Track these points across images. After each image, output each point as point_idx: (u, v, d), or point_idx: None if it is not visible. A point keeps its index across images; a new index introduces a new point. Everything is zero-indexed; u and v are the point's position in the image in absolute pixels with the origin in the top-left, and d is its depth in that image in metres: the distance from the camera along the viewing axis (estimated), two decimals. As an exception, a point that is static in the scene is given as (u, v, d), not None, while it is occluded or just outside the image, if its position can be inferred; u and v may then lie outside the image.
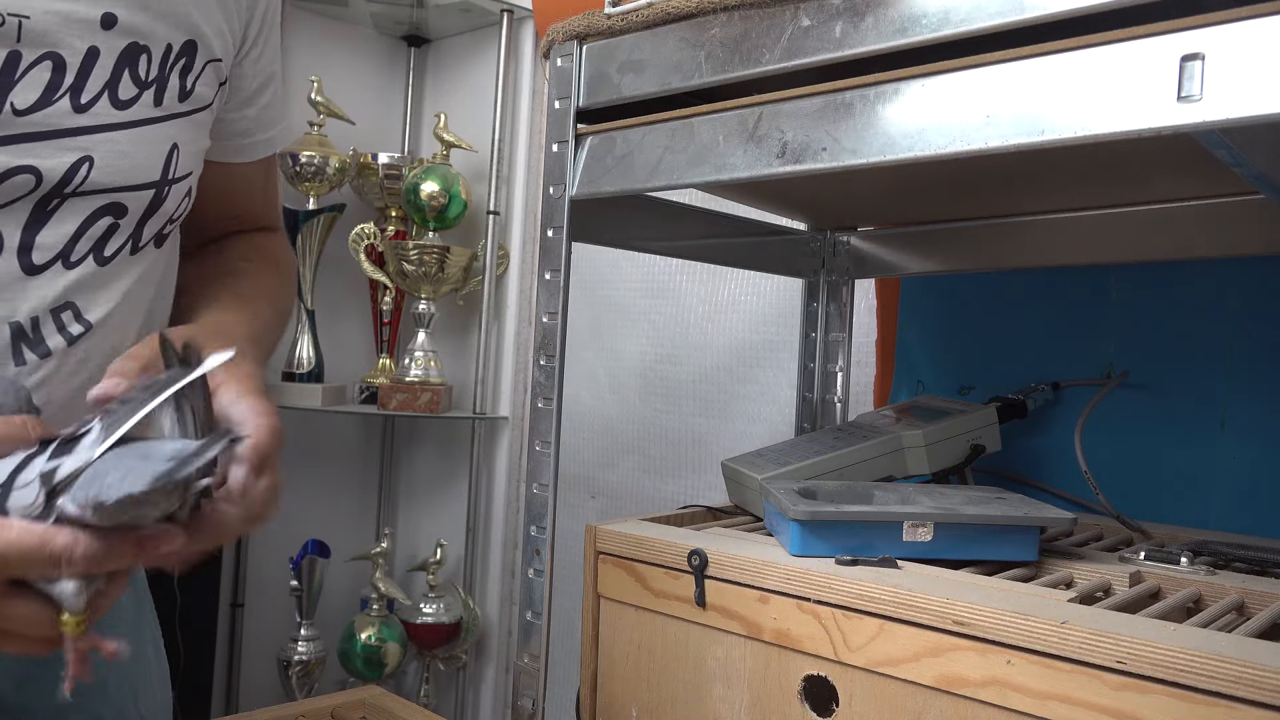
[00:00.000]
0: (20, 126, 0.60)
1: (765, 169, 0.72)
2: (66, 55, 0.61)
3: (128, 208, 0.66)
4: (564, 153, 0.85)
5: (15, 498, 0.47)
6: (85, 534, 0.46)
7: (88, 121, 0.63)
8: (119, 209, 0.66)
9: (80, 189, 0.63)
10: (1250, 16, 0.52)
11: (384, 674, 1.84)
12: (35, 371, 0.63)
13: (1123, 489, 1.00)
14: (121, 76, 0.64)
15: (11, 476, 0.47)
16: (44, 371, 0.63)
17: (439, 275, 1.85)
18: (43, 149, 0.61)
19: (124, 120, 0.65)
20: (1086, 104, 0.57)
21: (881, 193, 1.08)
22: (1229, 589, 0.69)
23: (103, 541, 0.46)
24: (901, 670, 0.62)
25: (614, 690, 0.81)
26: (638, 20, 0.79)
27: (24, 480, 0.47)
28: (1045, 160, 0.85)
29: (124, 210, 0.66)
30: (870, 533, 0.72)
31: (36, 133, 0.61)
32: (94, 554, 0.46)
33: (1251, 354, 1.00)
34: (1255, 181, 0.67)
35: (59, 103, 0.61)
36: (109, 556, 0.47)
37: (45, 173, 0.61)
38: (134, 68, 0.65)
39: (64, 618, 0.48)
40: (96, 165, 0.63)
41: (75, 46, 0.61)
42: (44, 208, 0.62)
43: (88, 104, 0.63)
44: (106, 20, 0.63)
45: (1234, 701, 0.50)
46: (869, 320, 1.30)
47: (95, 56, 0.63)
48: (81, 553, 0.46)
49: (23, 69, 0.60)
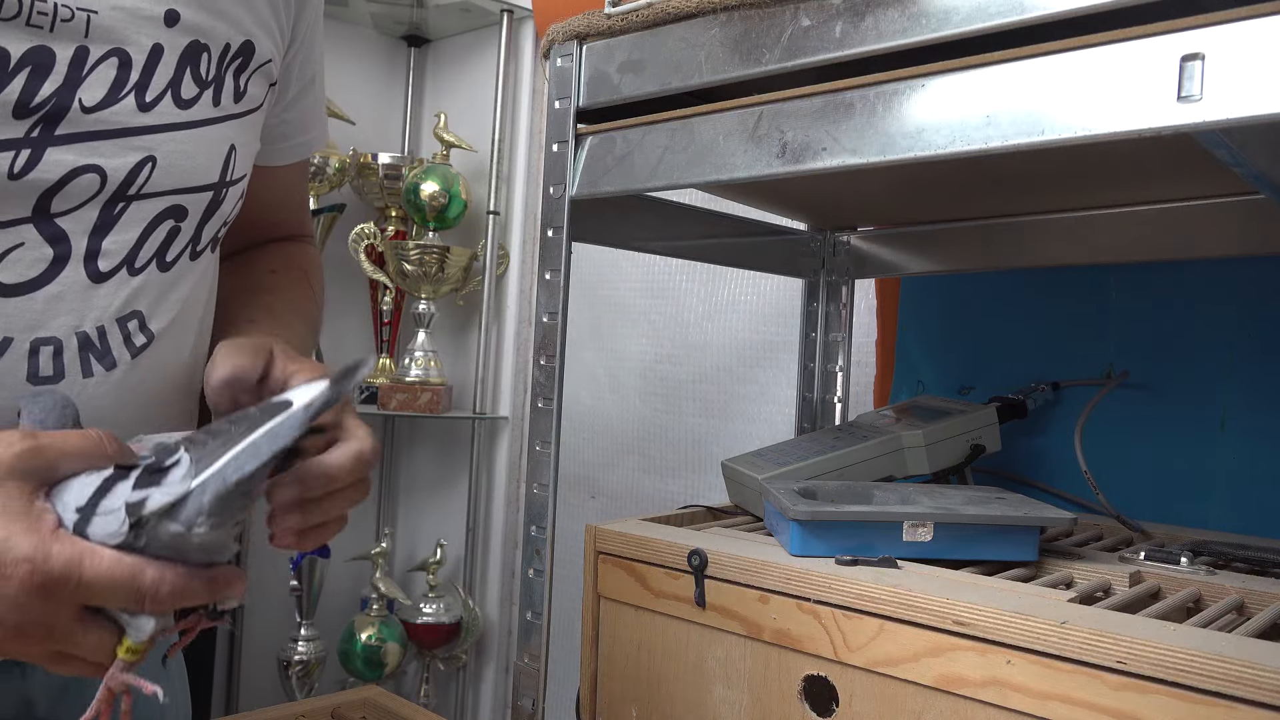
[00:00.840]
0: (88, 124, 0.59)
1: (765, 169, 0.72)
2: (132, 52, 0.60)
3: (188, 210, 0.66)
4: (564, 153, 0.85)
5: (98, 524, 0.47)
6: (172, 569, 0.47)
7: (151, 120, 0.62)
8: (180, 211, 0.65)
9: (143, 191, 0.62)
10: (1250, 16, 0.52)
11: (384, 674, 1.84)
12: (101, 385, 0.62)
13: (1123, 489, 1.00)
14: (184, 75, 0.63)
15: (94, 500, 0.47)
16: (109, 385, 0.62)
17: (439, 275, 1.85)
18: (108, 148, 0.60)
19: (186, 120, 0.64)
20: (1086, 104, 0.57)
21: (881, 193, 1.08)
22: (1229, 589, 0.69)
23: (187, 578, 0.48)
24: (901, 670, 0.62)
25: (614, 690, 0.81)
26: (638, 20, 0.79)
27: (108, 507, 0.47)
28: (1045, 160, 0.85)
29: (184, 213, 0.65)
30: (870, 533, 0.72)
31: (102, 131, 0.60)
32: (179, 589, 0.48)
33: (1251, 354, 1.00)
34: (1255, 181, 0.67)
35: (125, 100, 0.60)
36: (188, 593, 0.48)
37: (110, 173, 0.60)
38: (195, 66, 0.64)
39: (126, 644, 0.48)
40: (159, 166, 0.63)
41: (140, 43, 0.61)
42: (110, 211, 0.62)
43: (152, 102, 0.62)
44: (170, 17, 0.62)
45: (1234, 701, 0.50)
46: (869, 320, 1.30)
47: (159, 54, 0.62)
48: (168, 588, 0.47)
49: (90, 65, 0.59)
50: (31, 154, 0.57)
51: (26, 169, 0.57)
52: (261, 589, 1.93)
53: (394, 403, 1.79)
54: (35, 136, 0.57)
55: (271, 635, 1.92)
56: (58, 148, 0.58)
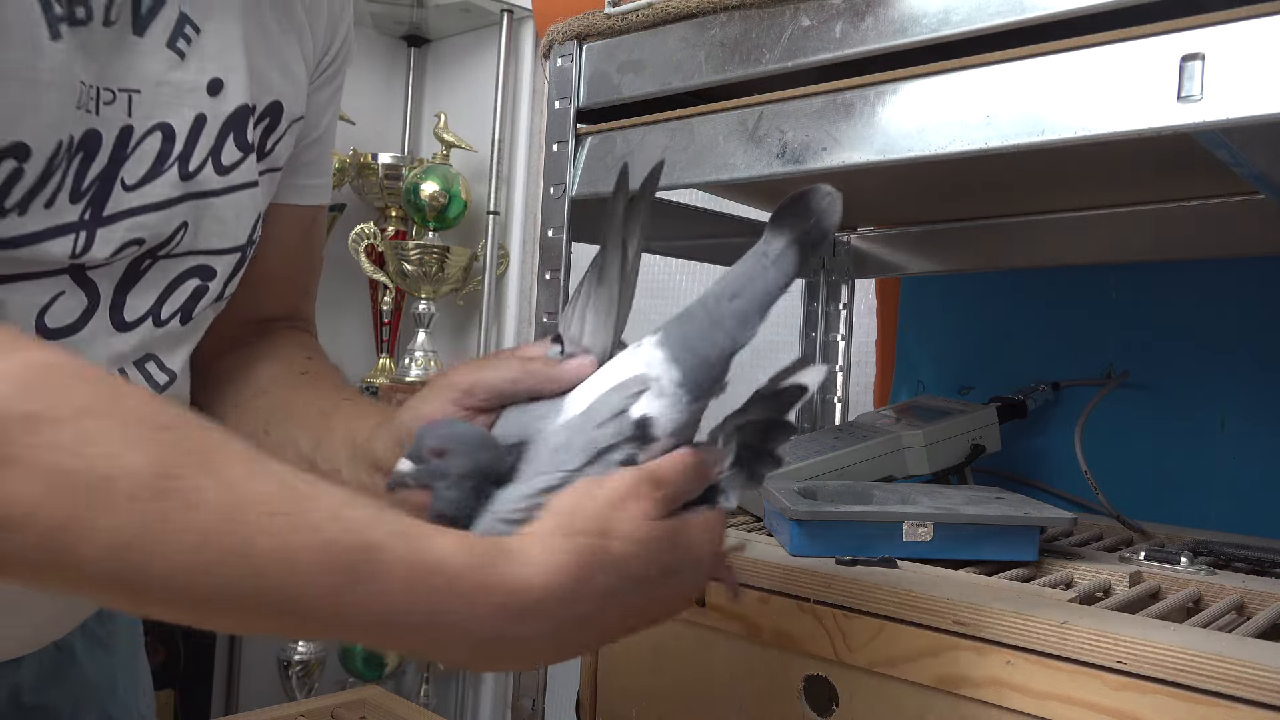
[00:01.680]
0: (130, 201, 0.59)
1: (765, 169, 0.72)
2: (176, 124, 0.60)
3: (216, 270, 0.66)
4: (564, 153, 0.85)
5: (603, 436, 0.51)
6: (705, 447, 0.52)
7: (192, 189, 0.62)
8: (207, 272, 0.65)
9: (172, 251, 0.63)
10: (1250, 16, 0.52)
11: (384, 674, 1.84)
12: None
13: (1123, 489, 1.00)
14: (225, 141, 0.63)
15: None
16: None
17: (439, 275, 1.85)
18: (150, 220, 0.60)
19: (223, 186, 0.64)
20: (1086, 104, 0.57)
21: (881, 193, 1.08)
22: (1229, 589, 0.69)
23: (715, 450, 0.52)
24: (901, 670, 0.62)
25: (614, 690, 0.81)
26: (638, 20, 0.79)
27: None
28: (1045, 160, 0.85)
29: (213, 273, 0.65)
30: (870, 533, 0.72)
31: (145, 205, 0.60)
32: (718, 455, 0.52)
33: (1251, 354, 0.99)
34: (1255, 181, 0.67)
35: (168, 173, 0.61)
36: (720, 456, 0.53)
37: (149, 240, 0.61)
38: (240, 132, 0.64)
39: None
40: (190, 229, 0.63)
41: (184, 115, 0.61)
42: (136, 267, 0.62)
43: (194, 171, 0.62)
44: (213, 86, 0.62)
45: (1234, 701, 0.50)
46: (869, 320, 1.30)
47: (202, 124, 0.62)
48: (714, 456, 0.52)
49: (134, 143, 0.59)
50: (87, 236, 0.58)
51: (85, 249, 0.57)
52: (261, 589, 1.93)
53: (394, 403, 1.79)
54: (88, 219, 0.58)
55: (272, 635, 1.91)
56: (105, 227, 0.58)
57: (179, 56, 0.60)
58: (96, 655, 0.75)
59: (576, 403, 0.53)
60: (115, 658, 0.77)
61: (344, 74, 0.78)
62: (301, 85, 0.70)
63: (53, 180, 0.55)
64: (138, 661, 0.80)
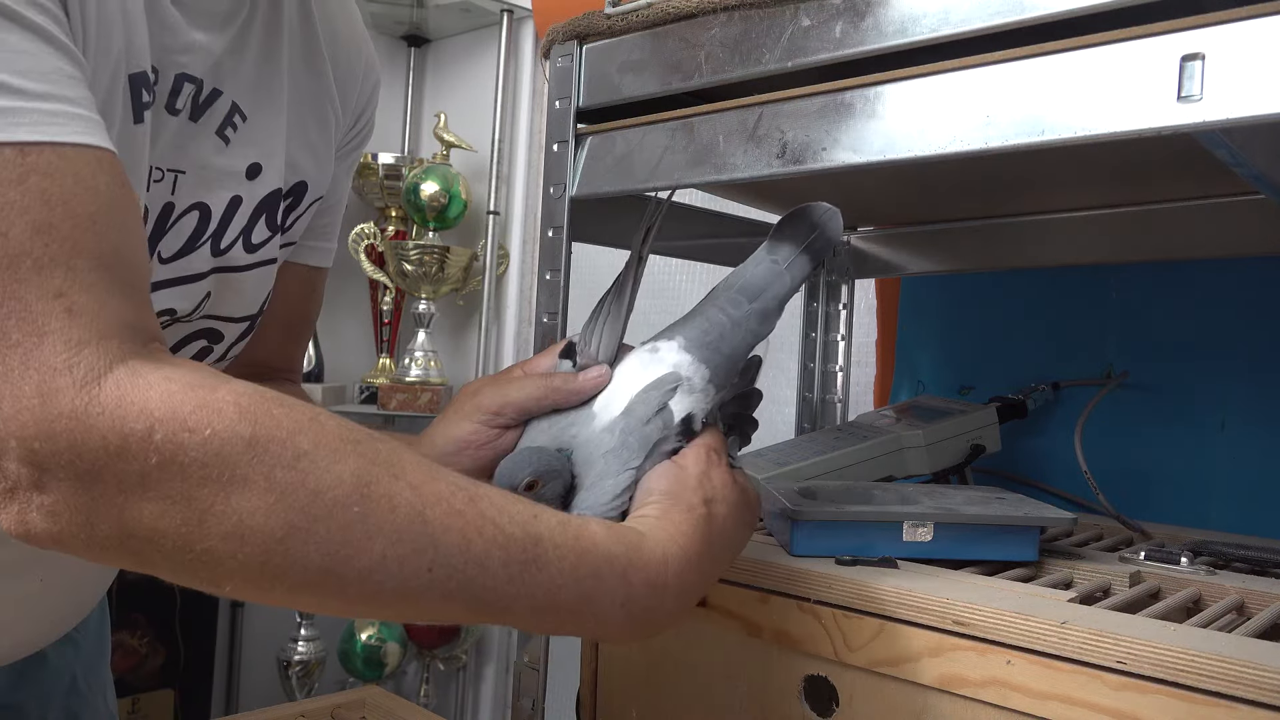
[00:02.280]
0: (163, 273, 0.61)
1: (765, 169, 0.72)
2: (213, 204, 0.62)
3: (224, 335, 0.67)
4: (564, 153, 0.85)
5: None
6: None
7: (220, 264, 0.64)
8: (216, 335, 0.67)
9: (190, 317, 0.64)
10: (1250, 16, 0.52)
11: (384, 674, 1.84)
12: None
13: (1123, 489, 1.00)
14: (258, 223, 0.65)
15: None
16: None
17: (439, 275, 1.85)
18: (180, 292, 0.62)
19: (249, 262, 0.66)
20: (1086, 104, 0.57)
21: (881, 193, 1.08)
22: (1229, 589, 0.69)
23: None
24: (901, 670, 0.62)
25: (614, 690, 0.81)
26: (638, 20, 0.79)
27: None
28: (1045, 160, 0.85)
29: (220, 337, 0.67)
30: (870, 533, 0.72)
31: (177, 278, 0.62)
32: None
33: (1251, 354, 0.99)
34: (1255, 181, 0.67)
35: (201, 249, 0.62)
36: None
37: (180, 312, 0.63)
38: (271, 213, 0.66)
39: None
40: (213, 299, 0.65)
41: (220, 196, 0.63)
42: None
43: (226, 248, 0.64)
44: (252, 170, 0.64)
45: (1234, 701, 0.50)
46: (869, 320, 1.30)
47: (237, 205, 0.64)
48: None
49: (174, 219, 0.61)
50: None
51: None
52: (261, 589, 1.93)
53: (394, 403, 1.79)
54: None
55: (271, 635, 1.92)
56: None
57: (224, 142, 0.62)
58: (64, 653, 0.76)
59: (608, 406, 0.60)
60: (81, 654, 0.78)
61: (365, 147, 0.81)
62: (327, 167, 0.72)
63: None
64: (103, 659, 0.82)
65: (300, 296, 0.81)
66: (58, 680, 0.75)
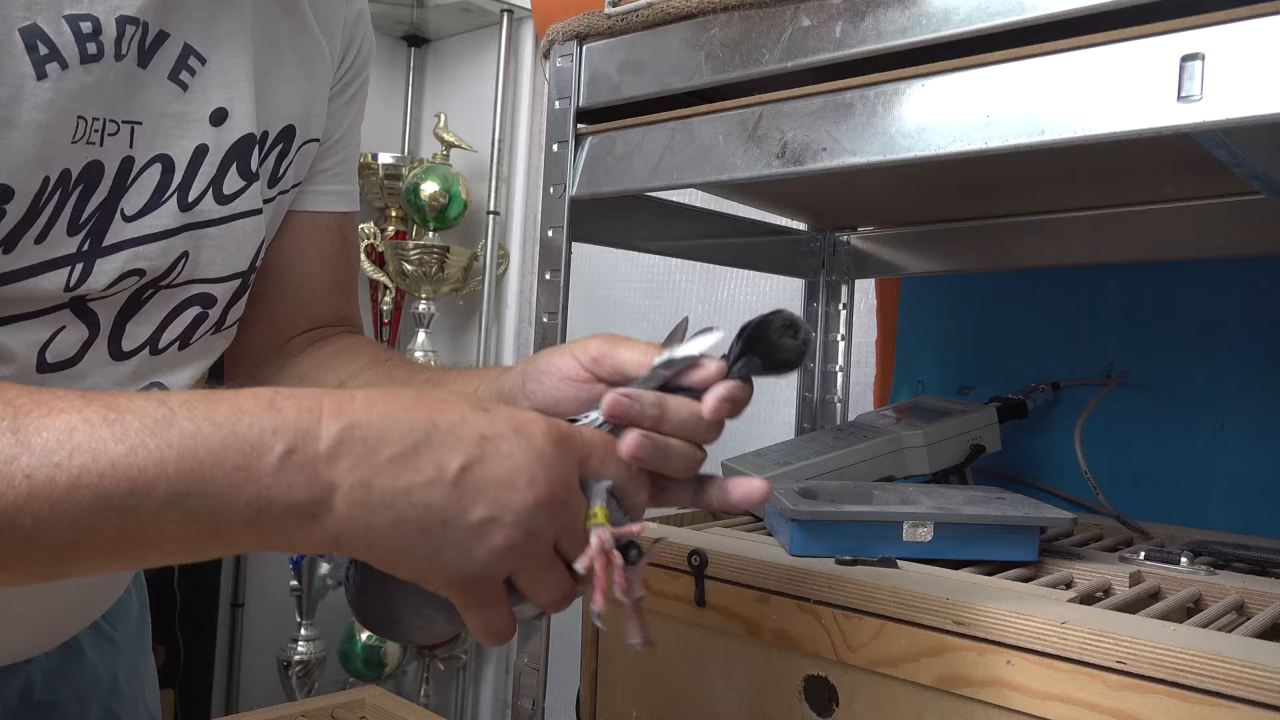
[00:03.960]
0: (129, 232, 0.60)
1: (765, 169, 0.72)
2: (175, 155, 0.61)
3: (216, 298, 0.66)
4: (564, 153, 0.85)
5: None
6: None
7: (191, 219, 0.62)
8: (208, 299, 0.65)
9: (173, 281, 0.63)
10: (1250, 16, 0.52)
11: (384, 674, 1.84)
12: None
13: (1123, 489, 1.00)
14: (228, 171, 0.63)
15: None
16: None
17: (439, 275, 1.85)
18: (150, 251, 0.61)
19: (224, 214, 0.64)
20: (1086, 104, 0.57)
21: (881, 193, 1.08)
22: (1229, 589, 0.69)
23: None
24: (901, 670, 0.62)
25: (614, 690, 0.81)
26: (638, 20, 0.79)
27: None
28: (1045, 160, 0.85)
29: (213, 300, 0.66)
30: (870, 533, 0.72)
31: (144, 236, 0.60)
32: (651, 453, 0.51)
33: (1251, 354, 0.99)
34: (1255, 181, 0.67)
35: (166, 204, 0.61)
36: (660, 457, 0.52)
37: (149, 272, 0.61)
38: (243, 160, 0.64)
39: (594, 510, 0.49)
40: (190, 259, 0.63)
41: (183, 146, 0.61)
42: (138, 297, 0.62)
43: (193, 202, 0.62)
44: (216, 116, 0.62)
45: (1234, 701, 0.50)
46: (869, 320, 1.30)
47: (203, 154, 0.62)
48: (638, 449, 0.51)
49: (134, 174, 0.59)
50: (84, 267, 0.58)
51: (80, 281, 0.58)
52: (261, 589, 1.93)
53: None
54: (86, 250, 0.58)
55: (271, 635, 1.92)
56: (104, 258, 0.59)
57: (181, 88, 0.60)
58: (104, 651, 0.75)
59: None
60: (121, 653, 0.77)
61: (365, 80, 0.77)
62: (319, 103, 0.70)
63: (43, 216, 0.55)
64: (144, 658, 0.81)
65: (335, 248, 0.76)
66: (97, 680, 0.74)
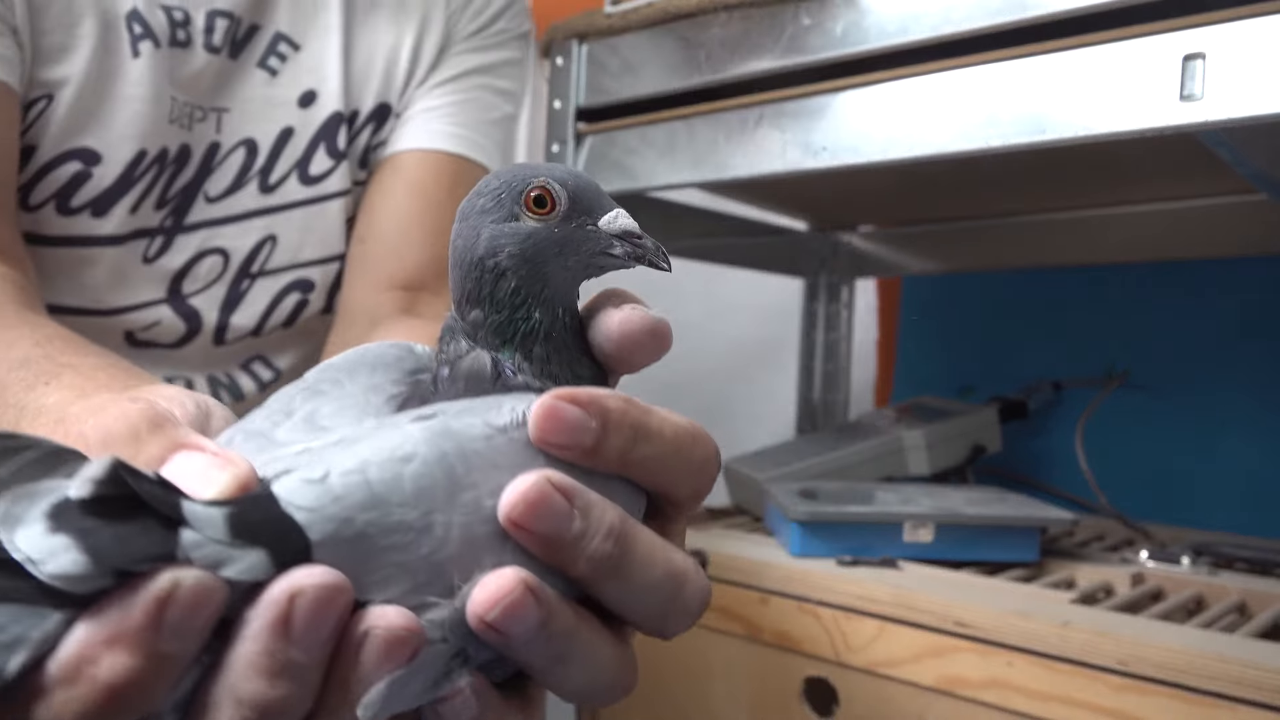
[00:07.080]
0: (210, 213, 0.62)
1: (765, 169, 0.72)
2: (259, 139, 0.62)
3: (315, 282, 0.66)
4: (564, 153, 0.85)
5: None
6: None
7: (274, 201, 0.64)
8: (306, 284, 0.66)
9: (266, 268, 0.64)
10: (1251, 16, 0.51)
11: (384, 674, 1.83)
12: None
13: (1124, 489, 1.00)
14: (315, 151, 0.64)
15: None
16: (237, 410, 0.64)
17: (439, 275, 1.85)
18: (229, 231, 0.63)
19: (310, 196, 0.65)
20: (1087, 104, 0.57)
21: (881, 193, 1.08)
22: (1230, 589, 0.69)
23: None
24: (902, 671, 0.62)
25: (614, 691, 0.81)
26: (637, 20, 0.79)
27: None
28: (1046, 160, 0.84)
29: (311, 285, 0.66)
30: (871, 533, 0.72)
31: (224, 217, 0.62)
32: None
33: (1251, 354, 0.99)
34: (1255, 181, 0.67)
35: (248, 186, 0.63)
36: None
37: (231, 254, 0.63)
38: (331, 139, 0.65)
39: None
40: (279, 244, 0.64)
41: (269, 129, 0.63)
42: (236, 288, 0.64)
43: (275, 184, 0.64)
44: (305, 99, 0.63)
45: (1235, 702, 0.50)
46: (869, 320, 1.30)
47: (288, 136, 0.63)
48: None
49: (220, 158, 0.61)
50: (164, 241, 0.61)
51: (159, 254, 0.61)
52: (261, 589, 1.93)
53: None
54: (168, 225, 0.61)
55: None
56: (184, 235, 0.62)
57: (270, 74, 0.62)
58: None
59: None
60: None
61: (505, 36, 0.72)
62: (415, 77, 0.68)
63: (137, 187, 0.58)
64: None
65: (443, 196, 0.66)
66: None
